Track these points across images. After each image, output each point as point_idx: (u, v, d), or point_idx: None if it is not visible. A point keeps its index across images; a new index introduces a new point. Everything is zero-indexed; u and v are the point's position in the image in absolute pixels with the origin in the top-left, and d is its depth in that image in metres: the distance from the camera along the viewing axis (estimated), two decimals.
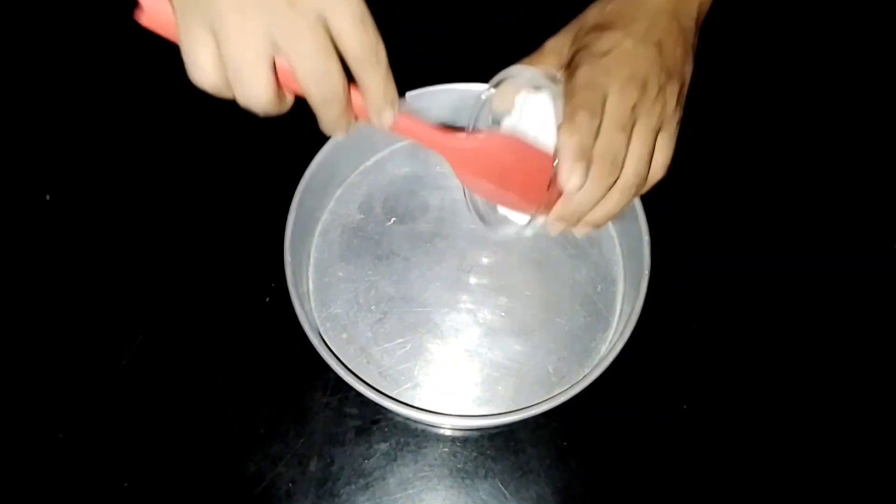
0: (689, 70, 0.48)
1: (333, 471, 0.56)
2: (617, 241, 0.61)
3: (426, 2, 0.72)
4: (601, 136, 0.42)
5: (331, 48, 0.34)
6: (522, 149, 0.46)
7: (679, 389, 0.58)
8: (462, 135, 0.46)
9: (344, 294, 0.59)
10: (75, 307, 0.61)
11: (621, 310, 0.58)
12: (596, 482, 0.56)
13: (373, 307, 0.58)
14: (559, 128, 0.42)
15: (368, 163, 0.64)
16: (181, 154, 0.67)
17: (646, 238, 0.54)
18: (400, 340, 0.57)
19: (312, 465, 0.56)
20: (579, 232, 0.47)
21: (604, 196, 0.43)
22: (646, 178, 0.45)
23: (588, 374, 0.51)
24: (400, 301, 0.58)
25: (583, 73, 0.44)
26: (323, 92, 0.35)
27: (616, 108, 0.43)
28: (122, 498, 0.55)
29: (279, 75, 0.35)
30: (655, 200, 0.56)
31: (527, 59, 0.49)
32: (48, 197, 0.65)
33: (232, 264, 0.62)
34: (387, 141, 0.64)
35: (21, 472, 0.56)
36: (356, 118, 0.38)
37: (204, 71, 0.34)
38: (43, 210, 0.64)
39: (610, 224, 0.61)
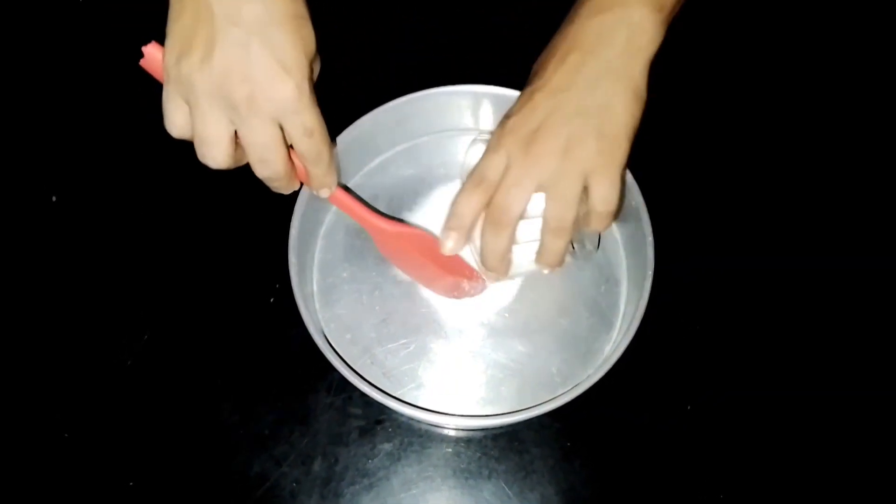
0: (626, 102, 0.49)
1: (337, 471, 0.56)
2: (620, 243, 0.61)
3: (426, 0, 0.72)
4: (495, 194, 0.48)
5: (278, 142, 0.42)
6: (432, 243, 0.53)
7: (683, 390, 0.58)
8: (384, 220, 0.53)
9: (348, 295, 0.59)
10: (81, 307, 0.61)
11: (625, 311, 0.58)
12: (599, 483, 0.56)
13: (377, 308, 0.58)
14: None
15: (372, 164, 0.64)
16: (186, 155, 0.67)
17: (649, 239, 0.54)
18: (404, 341, 0.57)
19: (316, 466, 0.56)
20: (546, 269, 0.53)
21: (507, 245, 0.50)
22: (572, 219, 0.48)
23: (591, 374, 0.51)
24: (404, 302, 0.58)
25: (495, 138, 0.50)
26: (265, 174, 0.45)
27: (514, 166, 0.48)
28: (127, 497, 0.55)
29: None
30: (659, 201, 0.56)
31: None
32: (54, 198, 0.65)
33: (237, 265, 0.62)
34: (390, 143, 0.64)
35: (27, 472, 0.56)
36: (300, 184, 0.48)
37: (175, 127, 0.44)
38: (49, 211, 0.65)
39: (614, 225, 0.61)
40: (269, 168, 0.44)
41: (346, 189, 0.52)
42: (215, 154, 0.43)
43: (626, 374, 0.52)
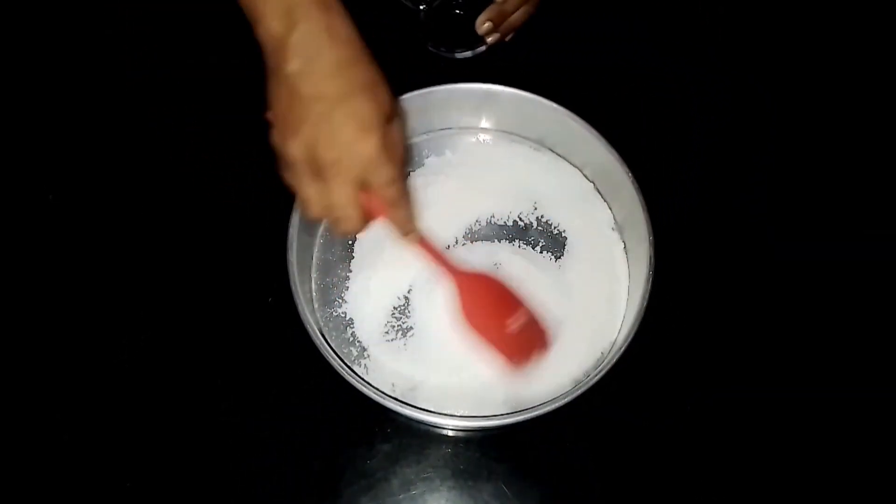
0: None
1: (336, 471, 0.56)
2: (621, 242, 0.61)
3: None
4: None
5: (356, 199, 0.47)
6: (502, 287, 0.57)
7: (683, 391, 0.58)
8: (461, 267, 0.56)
9: (347, 295, 0.59)
10: (78, 307, 0.61)
11: (625, 311, 0.58)
12: (599, 484, 0.56)
13: (376, 308, 0.58)
14: None
15: None
16: (185, 154, 0.67)
17: (650, 238, 0.54)
18: (403, 341, 0.57)
19: (315, 466, 0.56)
20: (501, 30, 0.64)
21: (520, 6, 0.64)
22: None
23: (591, 375, 0.51)
24: (403, 302, 0.58)
25: None
26: (341, 229, 0.49)
27: None
28: (124, 498, 0.55)
29: None
30: (659, 201, 0.56)
31: None
32: (51, 197, 0.65)
33: (235, 264, 0.62)
34: None
35: (25, 472, 0.56)
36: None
37: (302, 194, 0.48)
38: (46, 210, 0.64)
39: (613, 224, 0.61)
40: (345, 225, 0.48)
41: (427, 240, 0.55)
42: (311, 211, 0.48)
43: (626, 375, 0.52)
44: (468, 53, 0.68)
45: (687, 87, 0.70)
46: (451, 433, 0.57)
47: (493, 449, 0.56)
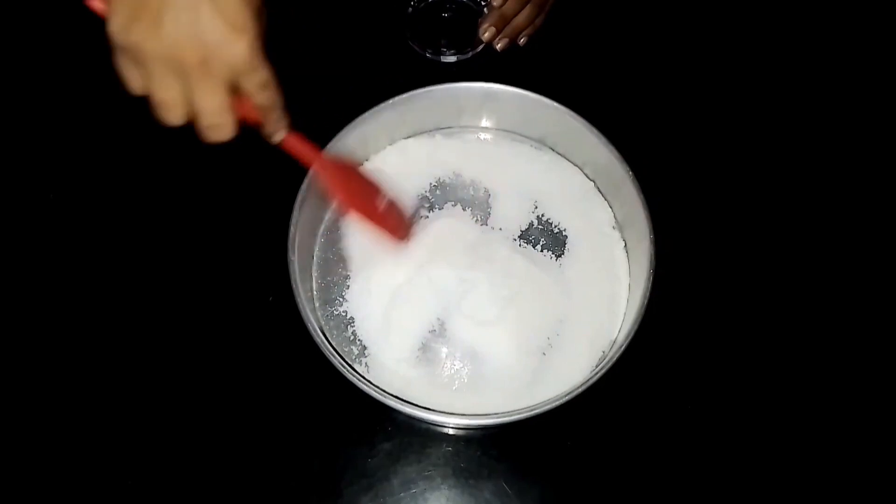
0: None
1: (336, 470, 0.56)
2: (622, 241, 0.61)
3: None
4: None
5: (228, 107, 0.43)
6: (364, 173, 0.59)
7: (683, 390, 0.58)
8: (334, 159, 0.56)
9: (347, 293, 0.59)
10: (79, 305, 0.61)
11: (626, 310, 0.58)
12: (600, 482, 0.56)
13: (376, 307, 0.58)
14: None
15: (370, 163, 0.64)
16: (185, 153, 0.67)
17: (650, 237, 0.54)
18: (403, 340, 0.57)
19: (316, 465, 0.56)
20: (507, 34, 0.64)
21: (521, 9, 0.64)
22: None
23: (592, 374, 0.51)
24: (403, 300, 0.58)
25: None
26: (215, 138, 0.45)
27: None
28: (125, 495, 0.55)
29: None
30: (660, 200, 0.56)
31: None
32: (52, 196, 0.65)
33: (236, 263, 0.62)
34: (387, 141, 0.64)
35: (25, 471, 0.56)
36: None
37: (133, 87, 0.44)
38: (46, 209, 0.64)
39: (614, 222, 0.61)
40: (220, 133, 0.45)
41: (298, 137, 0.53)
42: (171, 117, 0.44)
43: (627, 374, 0.52)
44: (453, 58, 0.68)
45: (687, 84, 0.70)
46: (451, 432, 0.57)
47: (494, 447, 0.56)
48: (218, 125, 0.44)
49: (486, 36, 0.64)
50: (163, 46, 0.40)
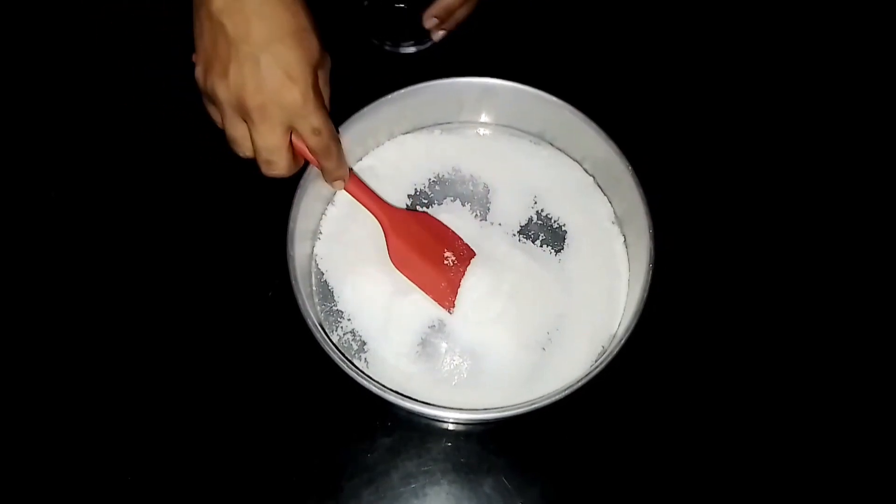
0: None
1: (337, 466, 0.56)
2: (621, 236, 0.61)
3: None
4: None
5: (283, 146, 0.49)
6: (437, 223, 0.59)
7: (683, 385, 0.58)
8: (394, 208, 0.59)
9: (347, 289, 0.59)
10: (79, 301, 0.61)
11: (625, 305, 0.58)
12: (599, 477, 0.56)
13: (376, 302, 0.58)
14: None
15: (371, 155, 0.64)
16: (185, 150, 0.67)
17: (650, 232, 0.54)
18: (403, 335, 0.57)
19: (316, 460, 0.56)
20: (446, 26, 0.65)
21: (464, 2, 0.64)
22: None
23: (592, 370, 0.51)
24: (403, 296, 0.58)
25: None
26: (270, 174, 0.51)
27: None
28: (125, 492, 0.55)
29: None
30: (659, 195, 0.55)
31: None
32: (53, 194, 0.65)
33: (236, 259, 0.62)
34: (386, 136, 0.63)
35: (25, 468, 0.56)
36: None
37: (215, 122, 0.51)
38: (48, 207, 0.64)
39: (614, 217, 0.61)
40: (274, 169, 0.50)
41: (359, 181, 0.58)
42: (240, 151, 0.50)
43: (626, 370, 0.52)
44: (412, 49, 0.68)
45: (687, 79, 0.70)
46: (451, 427, 0.57)
47: (494, 442, 0.56)
48: (273, 162, 0.49)
49: (429, 24, 0.65)
50: (229, 92, 0.46)
